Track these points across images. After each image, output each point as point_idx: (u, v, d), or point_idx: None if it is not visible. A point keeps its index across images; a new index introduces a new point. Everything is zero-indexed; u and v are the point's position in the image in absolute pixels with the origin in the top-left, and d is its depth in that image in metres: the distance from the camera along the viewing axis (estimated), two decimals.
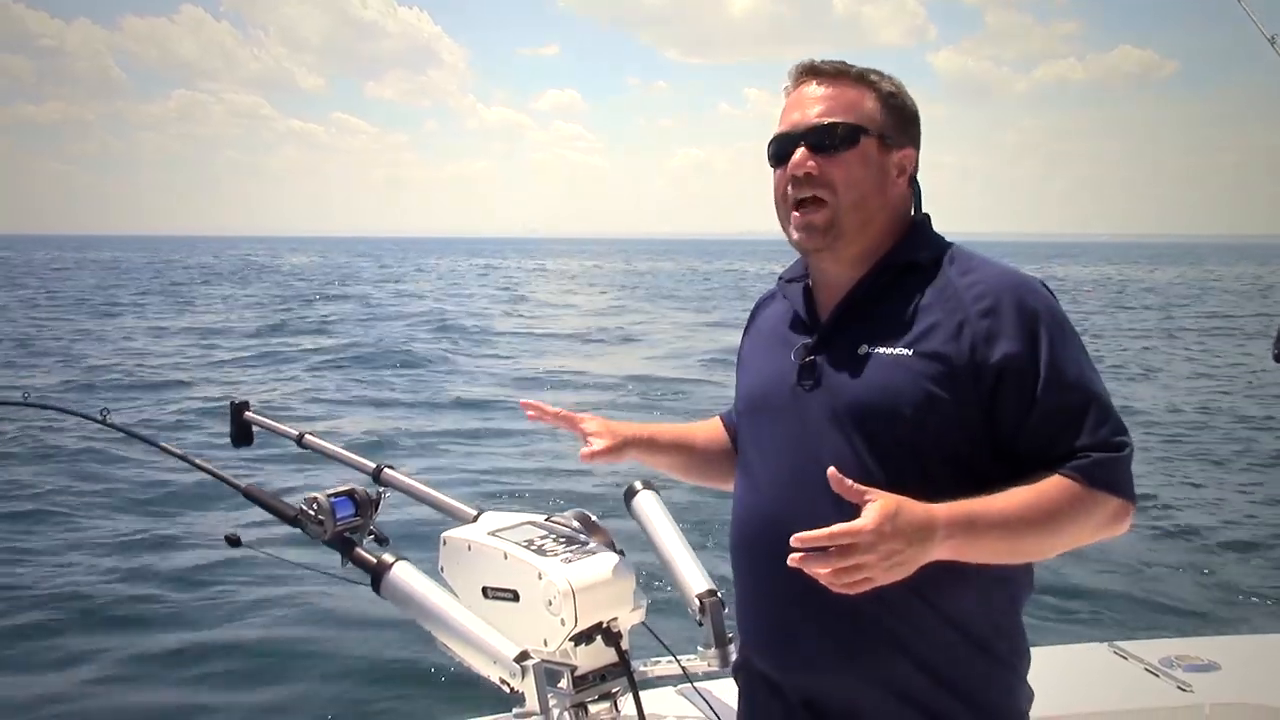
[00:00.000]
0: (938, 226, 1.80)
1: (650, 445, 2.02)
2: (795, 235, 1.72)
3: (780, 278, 1.91)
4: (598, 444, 1.92)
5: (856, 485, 1.44)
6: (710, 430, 2.09)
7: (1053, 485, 1.55)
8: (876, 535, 1.40)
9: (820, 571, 1.40)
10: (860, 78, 1.72)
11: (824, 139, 1.68)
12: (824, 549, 1.40)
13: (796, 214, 1.71)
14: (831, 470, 1.44)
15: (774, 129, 1.79)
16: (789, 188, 1.71)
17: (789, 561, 1.41)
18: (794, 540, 1.40)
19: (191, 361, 19.62)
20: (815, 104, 1.70)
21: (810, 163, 1.68)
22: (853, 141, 1.68)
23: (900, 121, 1.74)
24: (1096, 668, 2.86)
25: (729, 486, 2.01)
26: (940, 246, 1.73)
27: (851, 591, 1.43)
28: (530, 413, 2.00)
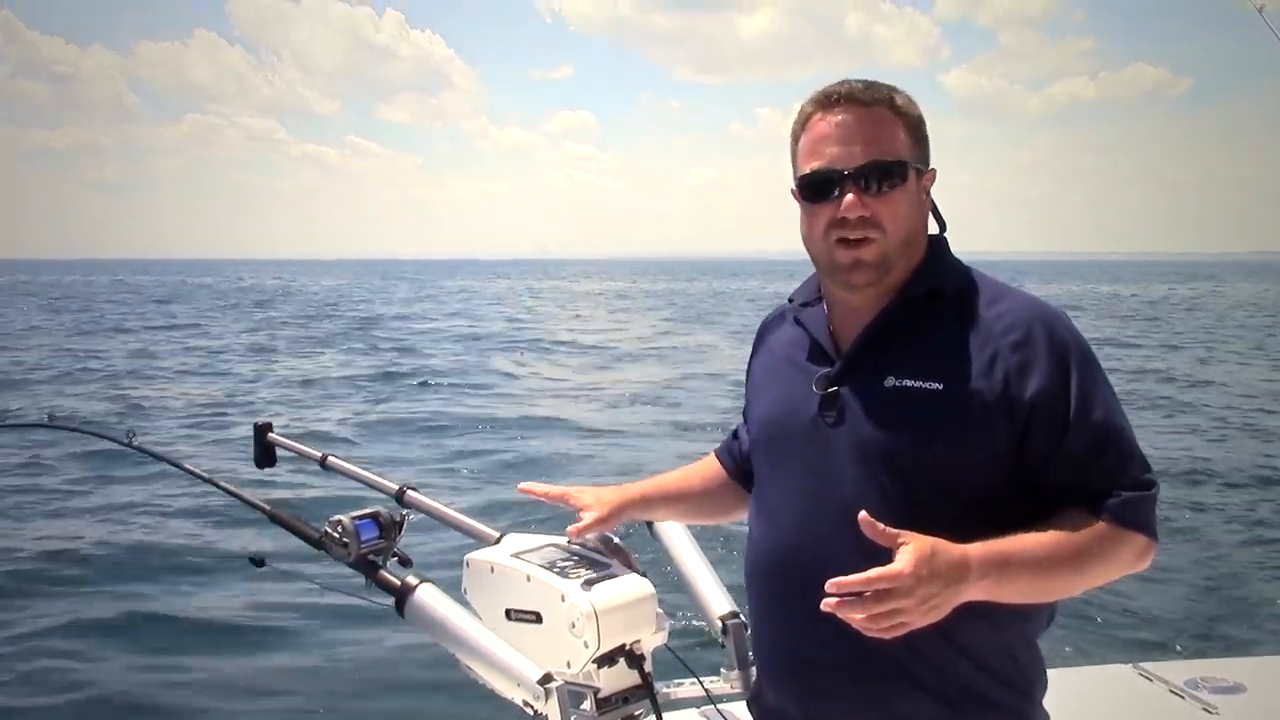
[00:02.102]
0: (954, 248, 1.77)
1: (645, 504, 2.02)
2: (844, 272, 1.65)
3: (791, 299, 1.85)
4: (587, 517, 1.92)
5: (889, 529, 1.41)
6: (706, 470, 2.07)
7: (1083, 524, 1.53)
8: (914, 579, 1.38)
9: (855, 617, 1.38)
10: (891, 103, 1.65)
11: (874, 179, 1.61)
12: (858, 593, 1.38)
13: (845, 249, 1.63)
14: (863, 515, 1.42)
15: (789, 149, 1.72)
16: (834, 227, 1.64)
17: (823, 607, 1.39)
18: (829, 586, 1.38)
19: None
20: (858, 139, 1.62)
21: (863, 205, 1.61)
22: (901, 179, 1.63)
23: (923, 145, 1.69)
24: (1120, 689, 2.84)
25: (735, 518, 2.01)
26: (962, 273, 1.70)
27: (887, 636, 1.41)
28: (530, 496, 2.01)
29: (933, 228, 1.76)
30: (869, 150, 1.62)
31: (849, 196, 1.61)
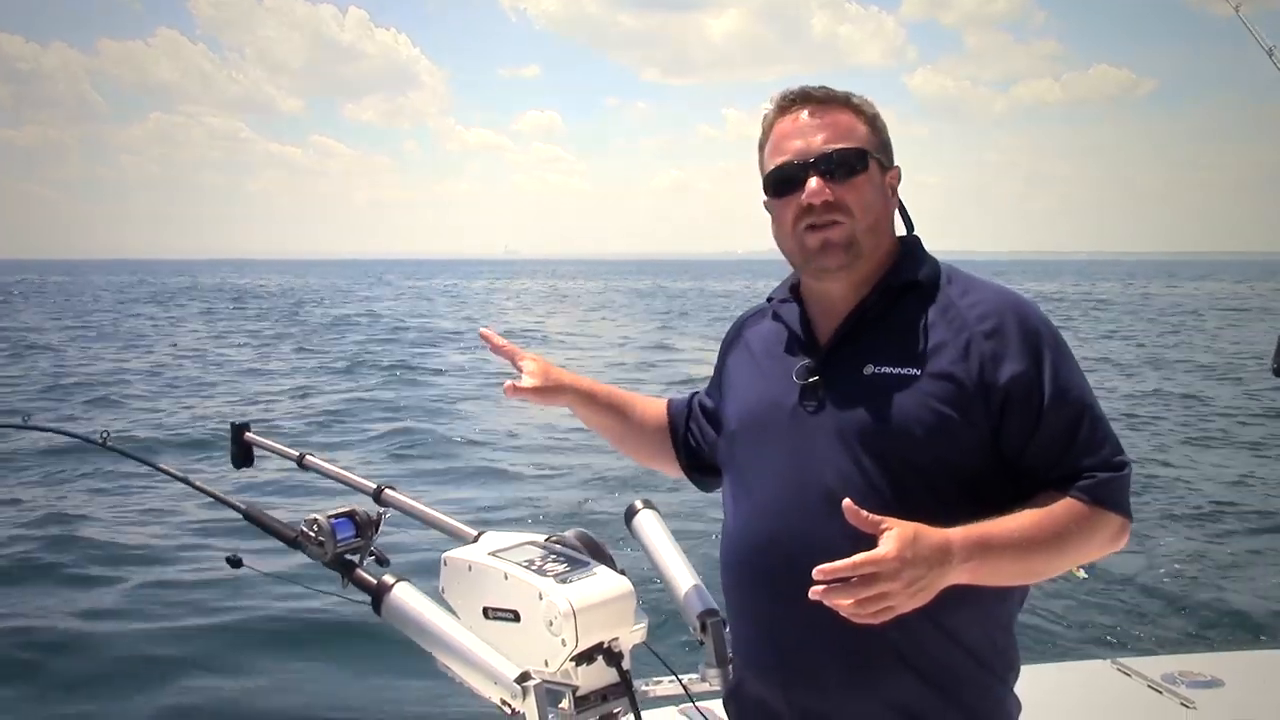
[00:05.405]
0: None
1: (588, 399, 2.04)
2: (814, 257, 1.71)
3: (770, 298, 1.91)
4: (527, 381, 1.94)
5: (872, 515, 1.44)
6: (653, 408, 2.11)
7: (1060, 505, 1.57)
8: (899, 563, 1.40)
9: (843, 603, 1.41)
10: (848, 101, 1.74)
11: (836, 166, 1.68)
12: (844, 579, 1.40)
13: (814, 233, 1.70)
14: (847, 502, 1.44)
15: (757, 152, 1.79)
16: (801, 216, 1.70)
17: (810, 594, 1.41)
18: (816, 573, 1.40)
19: None
20: (818, 131, 1.70)
21: (827, 190, 1.68)
22: (863, 166, 1.69)
23: (886, 143, 1.76)
24: (1099, 685, 2.86)
25: (653, 465, 2.09)
26: (935, 266, 1.75)
27: (875, 621, 1.43)
28: (487, 343, 2.03)
29: (905, 227, 1.82)
30: (830, 140, 1.70)
31: (812, 183, 1.68)
